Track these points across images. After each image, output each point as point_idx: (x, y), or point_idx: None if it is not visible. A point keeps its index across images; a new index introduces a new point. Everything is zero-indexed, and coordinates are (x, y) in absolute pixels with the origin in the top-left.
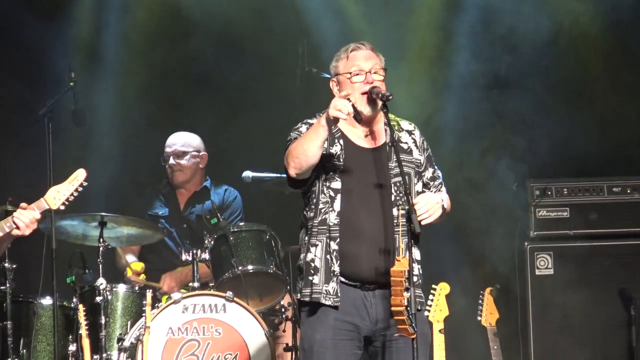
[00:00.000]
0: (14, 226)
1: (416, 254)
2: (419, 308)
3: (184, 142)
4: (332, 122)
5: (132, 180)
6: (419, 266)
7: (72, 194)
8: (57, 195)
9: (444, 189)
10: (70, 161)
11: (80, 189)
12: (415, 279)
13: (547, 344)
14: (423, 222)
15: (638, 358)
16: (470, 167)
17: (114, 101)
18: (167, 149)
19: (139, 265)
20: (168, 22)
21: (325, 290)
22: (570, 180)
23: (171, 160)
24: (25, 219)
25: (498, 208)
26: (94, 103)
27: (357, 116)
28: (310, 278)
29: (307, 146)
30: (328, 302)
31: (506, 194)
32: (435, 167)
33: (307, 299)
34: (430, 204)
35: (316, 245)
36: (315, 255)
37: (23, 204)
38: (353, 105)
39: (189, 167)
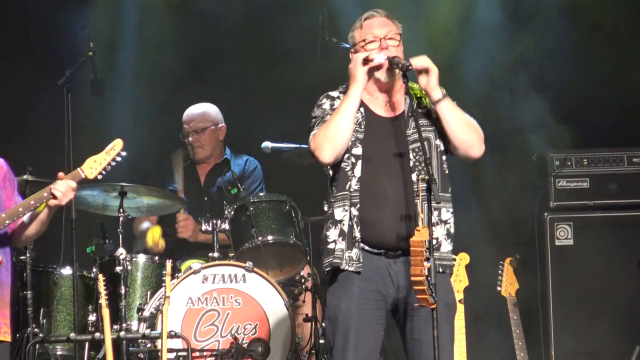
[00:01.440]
0: (51, 196)
1: (446, 215)
2: (444, 270)
3: (202, 116)
4: (362, 86)
5: (152, 151)
6: (449, 226)
7: (109, 164)
8: (94, 165)
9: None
10: (89, 131)
11: (117, 158)
12: (445, 237)
13: (566, 314)
14: (414, 64)
15: None
16: (490, 138)
17: (133, 71)
18: (186, 126)
19: (158, 232)
20: None
21: (348, 257)
22: (590, 150)
23: (191, 138)
24: (62, 188)
25: (518, 178)
26: (112, 73)
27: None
28: (331, 247)
29: (339, 124)
30: (350, 268)
31: (526, 165)
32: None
33: (328, 268)
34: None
35: (337, 213)
36: (336, 223)
37: (60, 174)
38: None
39: (209, 143)
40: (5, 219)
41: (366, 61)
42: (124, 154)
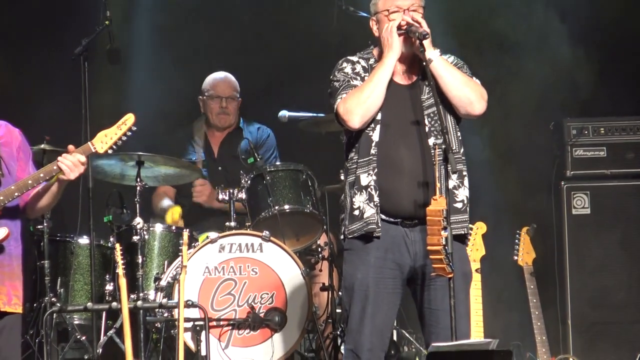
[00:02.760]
0: (59, 170)
1: (458, 182)
2: (464, 232)
3: (230, 85)
4: (398, 54)
5: (169, 119)
6: (466, 193)
7: (119, 138)
8: (105, 139)
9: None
10: (106, 100)
11: (129, 133)
12: (460, 205)
13: (583, 283)
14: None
15: None
16: (505, 106)
17: (149, 40)
18: (212, 92)
19: (177, 212)
20: None
21: (366, 220)
22: (607, 119)
23: (220, 103)
24: (68, 162)
25: (535, 147)
26: (129, 42)
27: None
28: (357, 213)
29: (374, 90)
30: (375, 234)
31: (543, 133)
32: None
33: (356, 234)
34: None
35: (363, 178)
36: (362, 189)
37: (70, 147)
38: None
39: (234, 112)
40: (14, 191)
41: (399, 29)
42: (134, 129)
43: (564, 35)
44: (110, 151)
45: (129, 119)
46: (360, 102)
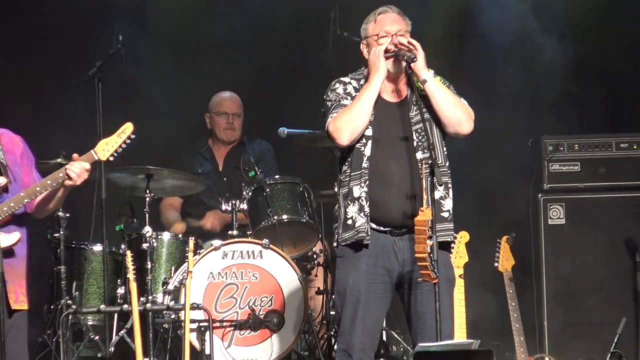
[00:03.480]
0: (66, 177)
1: (444, 194)
2: (450, 239)
3: (237, 103)
4: (384, 76)
5: (175, 136)
6: (451, 204)
7: (120, 146)
8: (106, 147)
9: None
10: (118, 118)
11: (128, 141)
12: (446, 214)
13: (559, 288)
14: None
15: None
16: (489, 124)
17: (158, 62)
18: (220, 108)
19: (181, 227)
20: None
21: (357, 229)
22: (581, 136)
23: (229, 119)
24: (76, 169)
25: (514, 163)
26: (139, 64)
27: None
28: (350, 222)
29: (361, 109)
30: (365, 241)
31: (522, 149)
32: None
33: (347, 242)
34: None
35: (355, 190)
36: (355, 200)
37: (75, 155)
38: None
39: (239, 128)
40: (23, 197)
41: (386, 52)
42: (133, 137)
43: (542, 58)
44: (111, 158)
45: (127, 128)
46: (348, 121)
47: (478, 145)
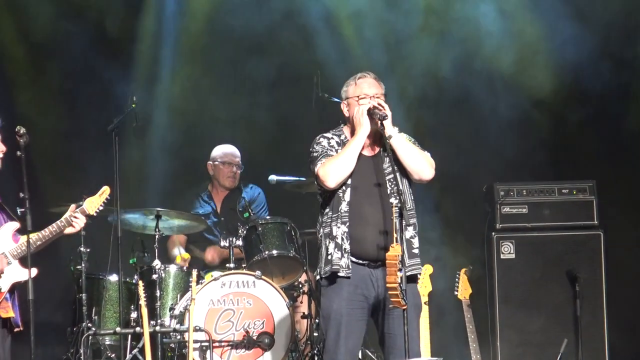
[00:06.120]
0: (69, 225)
1: (414, 233)
2: (418, 273)
3: (237, 155)
4: (368, 131)
5: (181, 182)
6: (417, 243)
7: (100, 204)
8: (92, 205)
9: (426, 152)
10: (132, 166)
11: (106, 200)
12: (416, 251)
13: (510, 313)
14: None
15: (581, 325)
16: (449, 174)
17: (165, 120)
18: (226, 159)
19: (187, 255)
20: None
21: (339, 265)
22: (528, 183)
23: (233, 169)
24: (81, 222)
25: (471, 205)
26: (150, 120)
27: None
28: (329, 257)
29: (348, 158)
30: (342, 274)
31: (477, 194)
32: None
33: (327, 274)
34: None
35: (334, 230)
36: (333, 238)
37: (73, 206)
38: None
39: (238, 177)
40: (36, 240)
41: (368, 111)
42: (109, 198)
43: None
44: (95, 213)
45: (106, 191)
46: (336, 167)
47: (439, 191)
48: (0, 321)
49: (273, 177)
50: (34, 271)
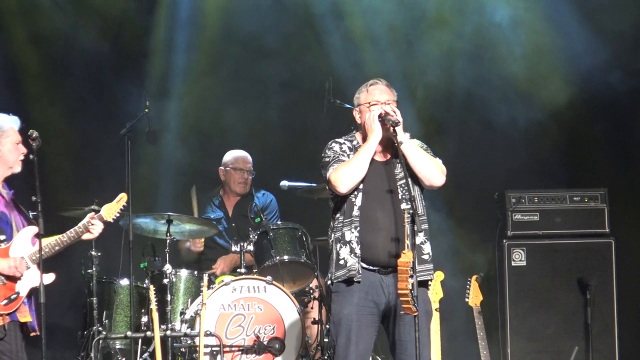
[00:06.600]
0: (85, 231)
1: (424, 239)
2: (430, 278)
3: (250, 161)
4: (380, 137)
5: (192, 187)
6: (429, 248)
7: (117, 211)
8: (110, 211)
9: (438, 158)
10: (144, 171)
11: (123, 207)
12: (427, 257)
13: (520, 320)
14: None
15: (592, 332)
16: (463, 182)
17: (178, 125)
18: (237, 165)
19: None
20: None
21: (355, 270)
22: (540, 191)
23: (244, 175)
24: (99, 229)
25: (483, 212)
26: (163, 126)
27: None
28: (342, 262)
29: (360, 164)
30: (355, 279)
31: (489, 201)
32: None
33: (340, 279)
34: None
35: (347, 234)
36: (346, 243)
37: (92, 214)
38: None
39: (250, 182)
40: (54, 245)
41: (380, 117)
42: (125, 205)
43: (506, 119)
44: (112, 220)
45: (123, 198)
46: (349, 173)
47: (452, 198)
48: (18, 325)
49: (285, 183)
50: (52, 276)
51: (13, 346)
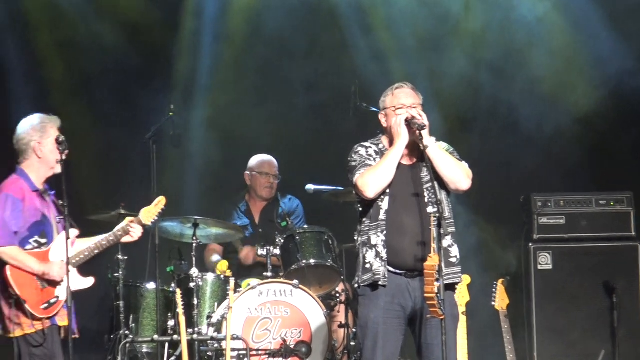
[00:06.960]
0: (126, 234)
1: (451, 242)
2: (458, 281)
3: (276, 167)
4: (407, 141)
5: (218, 191)
6: (456, 251)
7: (156, 214)
8: (148, 215)
9: (464, 162)
10: (169, 174)
11: (161, 210)
12: (454, 260)
13: (546, 324)
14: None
15: (619, 337)
16: (488, 185)
17: (203, 129)
18: (263, 169)
19: (225, 265)
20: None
21: (379, 274)
22: (566, 194)
23: (270, 179)
24: (139, 232)
25: (509, 216)
26: (188, 129)
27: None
28: (368, 266)
29: (387, 168)
30: (380, 282)
31: (515, 205)
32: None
33: (366, 282)
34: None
35: (373, 238)
36: (372, 247)
37: (130, 218)
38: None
39: (276, 187)
40: (93, 249)
41: (406, 121)
42: (164, 208)
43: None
44: (150, 223)
45: (161, 201)
46: (376, 177)
47: (479, 202)
48: (57, 329)
49: (310, 187)
50: (92, 280)
51: (51, 351)
